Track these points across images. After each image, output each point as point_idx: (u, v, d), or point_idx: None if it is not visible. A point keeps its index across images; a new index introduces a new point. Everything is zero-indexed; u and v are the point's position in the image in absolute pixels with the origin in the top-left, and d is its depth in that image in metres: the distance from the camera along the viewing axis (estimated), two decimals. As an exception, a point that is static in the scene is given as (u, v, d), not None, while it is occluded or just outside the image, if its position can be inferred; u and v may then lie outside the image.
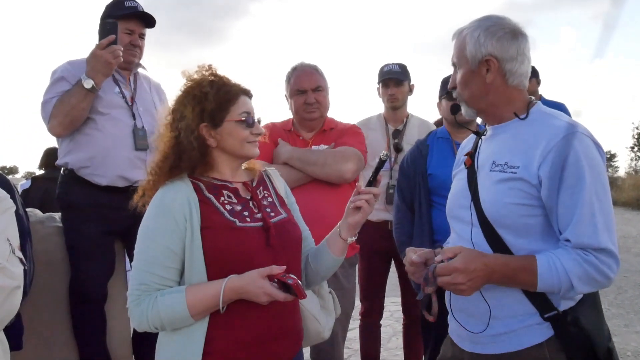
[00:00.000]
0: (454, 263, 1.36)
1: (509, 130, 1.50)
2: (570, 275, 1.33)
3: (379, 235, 3.00)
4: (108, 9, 2.67)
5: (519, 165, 1.41)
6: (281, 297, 1.36)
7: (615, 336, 4.26)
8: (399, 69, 3.19)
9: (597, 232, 1.33)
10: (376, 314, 3.22)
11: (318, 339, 1.74)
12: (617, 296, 5.69)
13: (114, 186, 2.52)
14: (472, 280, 1.35)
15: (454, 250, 1.40)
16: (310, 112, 2.49)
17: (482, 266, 1.36)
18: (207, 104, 1.47)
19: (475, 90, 1.51)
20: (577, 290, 1.36)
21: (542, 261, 1.36)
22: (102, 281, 2.55)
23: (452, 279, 1.35)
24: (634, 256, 7.94)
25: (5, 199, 1.58)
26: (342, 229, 1.58)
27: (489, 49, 1.46)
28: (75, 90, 2.42)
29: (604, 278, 1.35)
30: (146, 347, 2.61)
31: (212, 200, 1.48)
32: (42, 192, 4.10)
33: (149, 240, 1.43)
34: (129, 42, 2.63)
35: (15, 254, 1.49)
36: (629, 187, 16.94)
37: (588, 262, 1.33)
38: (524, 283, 1.39)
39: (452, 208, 1.63)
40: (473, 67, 1.49)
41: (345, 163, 2.38)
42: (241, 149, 1.52)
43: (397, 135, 3.20)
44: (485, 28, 1.47)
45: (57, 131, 2.52)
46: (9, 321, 1.52)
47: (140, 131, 2.58)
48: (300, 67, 2.54)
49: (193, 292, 1.39)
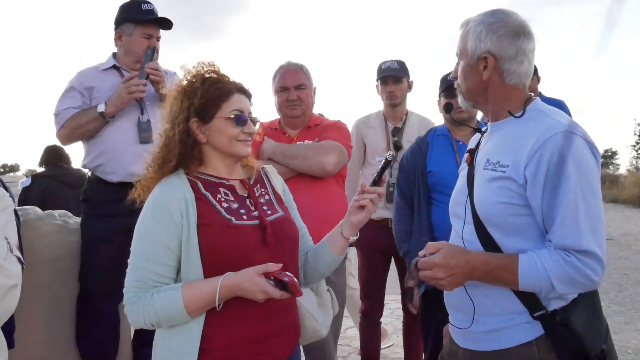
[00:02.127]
0: (434, 258, 1.39)
1: (504, 128, 1.49)
2: (550, 275, 1.32)
3: (379, 233, 3.00)
4: (125, 12, 2.66)
5: (509, 164, 1.40)
6: (277, 294, 1.36)
7: (616, 334, 4.25)
8: (398, 66, 3.18)
9: (580, 234, 1.31)
10: (376, 311, 3.22)
11: (315, 337, 1.74)
12: (617, 294, 5.68)
13: (127, 182, 2.53)
14: (453, 276, 1.38)
15: (437, 245, 1.42)
16: (292, 108, 2.50)
17: (463, 263, 1.38)
18: (195, 100, 1.48)
19: (472, 84, 1.52)
20: (558, 291, 1.34)
21: (523, 260, 1.36)
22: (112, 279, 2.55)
23: (433, 273, 1.39)
24: (634, 254, 7.92)
25: (5, 196, 1.58)
26: (344, 227, 1.58)
27: (488, 46, 1.45)
28: (90, 111, 2.56)
29: (586, 280, 1.32)
30: (145, 347, 2.62)
31: (209, 197, 1.48)
32: (42, 189, 4.09)
33: (146, 237, 1.43)
34: (147, 47, 2.64)
35: (13, 253, 1.49)
36: (630, 184, 16.90)
37: (569, 264, 1.31)
38: (506, 281, 1.39)
39: (452, 204, 1.63)
40: (471, 61, 1.48)
41: (327, 155, 2.39)
42: (230, 147, 1.52)
43: (396, 133, 3.19)
44: (488, 24, 1.46)
45: (62, 140, 2.67)
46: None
47: (143, 124, 2.59)
48: (286, 65, 2.56)
49: (189, 289, 1.39)
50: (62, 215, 2.67)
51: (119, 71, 2.69)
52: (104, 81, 2.63)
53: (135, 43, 2.63)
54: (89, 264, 2.55)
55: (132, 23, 2.62)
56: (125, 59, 2.69)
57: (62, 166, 4.29)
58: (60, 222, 2.60)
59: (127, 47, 2.67)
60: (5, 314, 1.48)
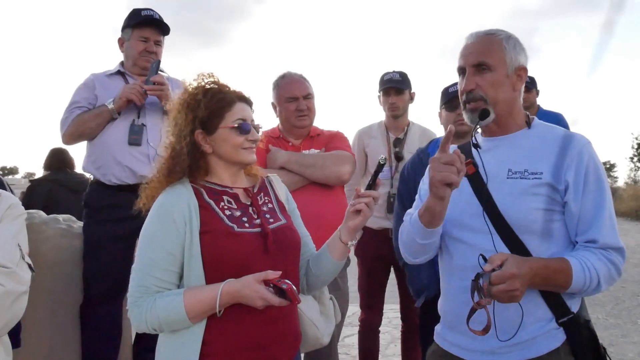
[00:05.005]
0: (509, 269, 1.32)
1: (516, 140, 1.54)
2: (599, 275, 1.41)
3: (380, 243, 3.02)
4: (126, 20, 2.74)
5: (542, 171, 1.46)
6: (276, 301, 1.38)
7: (613, 346, 4.26)
8: (400, 77, 3.22)
9: (615, 233, 1.45)
10: (375, 320, 3.23)
11: (317, 345, 1.75)
12: (614, 306, 5.69)
13: (124, 184, 2.57)
14: (524, 285, 1.34)
15: (501, 257, 1.35)
16: (302, 119, 2.52)
17: (528, 270, 1.36)
18: (199, 112, 1.51)
19: (506, 94, 1.53)
20: (601, 289, 1.44)
21: (574, 262, 1.41)
22: (112, 284, 2.57)
23: (509, 285, 1.31)
24: (632, 267, 7.93)
25: (18, 205, 1.61)
26: (342, 232, 1.59)
27: (522, 59, 1.54)
28: (94, 109, 2.61)
29: (618, 275, 1.45)
30: (146, 352, 2.64)
31: (212, 205, 1.51)
32: (45, 193, 4.10)
33: (150, 243, 1.46)
34: (144, 49, 2.69)
35: (25, 260, 1.51)
36: (628, 197, 16.95)
37: (611, 262, 1.43)
38: (559, 285, 1.43)
39: (460, 217, 1.55)
40: (509, 72, 1.52)
41: (343, 165, 2.46)
42: (236, 155, 1.55)
43: (397, 143, 3.22)
44: (516, 39, 1.55)
45: (65, 139, 2.70)
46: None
47: (135, 127, 2.62)
48: (289, 75, 2.58)
49: (191, 294, 1.42)
50: (66, 220, 2.70)
51: (123, 77, 2.74)
52: (107, 85, 2.68)
53: (132, 46, 2.70)
54: (90, 268, 2.57)
55: (130, 28, 2.70)
56: (127, 64, 2.76)
57: (65, 170, 4.31)
58: (65, 226, 2.62)
59: (126, 52, 2.75)
60: (14, 319, 1.50)
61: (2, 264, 1.44)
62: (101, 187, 2.62)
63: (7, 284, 1.43)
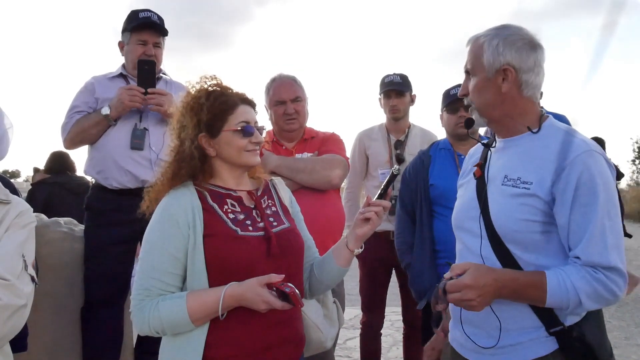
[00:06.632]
0: (463, 280, 1.35)
1: (521, 143, 1.49)
2: (579, 292, 1.34)
3: (381, 245, 3.01)
4: (125, 23, 2.73)
5: (532, 182, 1.41)
6: (279, 305, 1.38)
7: (616, 349, 4.22)
8: (400, 79, 3.22)
9: (607, 251, 1.34)
10: (377, 323, 3.23)
11: (320, 348, 1.74)
12: (617, 309, 5.67)
13: (125, 189, 2.57)
14: (482, 296, 1.35)
15: (463, 266, 1.39)
16: (290, 122, 2.49)
17: (491, 281, 1.35)
18: (202, 115, 1.51)
19: (489, 98, 1.49)
20: (585, 307, 1.37)
21: (551, 278, 1.36)
22: (113, 287, 2.58)
23: (463, 295, 1.35)
24: (635, 269, 7.90)
25: (28, 212, 1.57)
26: (350, 239, 1.59)
27: (507, 58, 1.44)
28: (92, 115, 2.60)
29: (611, 295, 1.36)
30: (147, 355, 2.63)
31: (216, 208, 1.51)
32: (45, 195, 4.11)
33: (153, 247, 1.46)
34: (143, 53, 2.68)
35: (28, 271, 1.48)
36: (630, 199, 16.92)
37: (597, 280, 1.34)
38: (533, 299, 1.39)
39: (461, 219, 1.60)
40: (489, 75, 1.47)
41: (333, 169, 2.43)
42: (239, 157, 1.55)
43: (399, 146, 3.22)
44: (504, 37, 1.46)
45: (66, 144, 2.69)
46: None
47: (138, 131, 2.61)
48: (279, 78, 2.56)
49: (194, 298, 1.42)
50: (67, 223, 2.70)
51: (125, 79, 2.74)
52: (109, 88, 2.67)
53: (131, 50, 2.70)
54: (92, 272, 2.57)
55: (129, 32, 2.69)
56: (128, 67, 2.76)
57: (65, 173, 4.32)
58: (66, 229, 2.62)
59: (126, 56, 2.75)
60: (11, 333, 1.46)
61: (2, 276, 1.40)
62: (102, 190, 2.62)
63: (4, 297, 1.39)
